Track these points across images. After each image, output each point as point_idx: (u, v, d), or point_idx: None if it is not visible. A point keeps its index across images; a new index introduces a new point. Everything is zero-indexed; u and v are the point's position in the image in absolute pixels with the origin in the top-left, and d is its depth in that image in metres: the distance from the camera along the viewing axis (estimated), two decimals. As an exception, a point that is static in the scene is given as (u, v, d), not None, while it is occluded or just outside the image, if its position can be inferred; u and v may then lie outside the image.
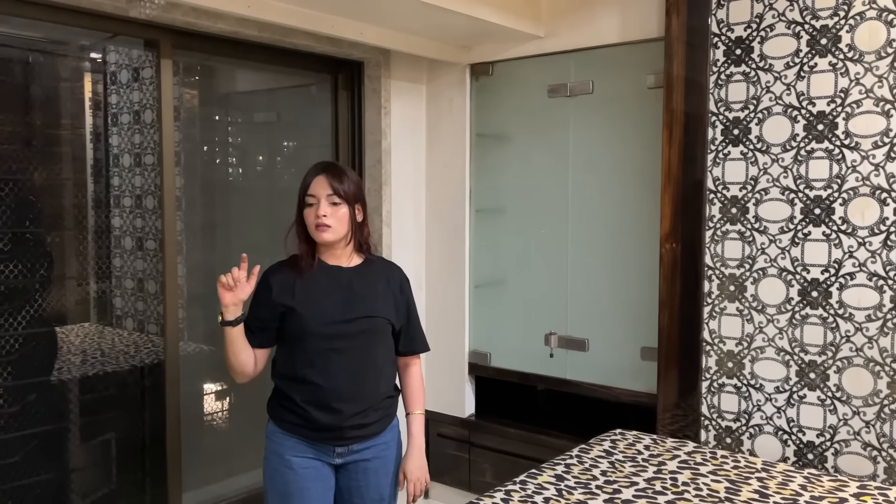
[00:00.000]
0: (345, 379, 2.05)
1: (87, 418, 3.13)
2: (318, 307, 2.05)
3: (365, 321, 2.07)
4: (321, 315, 2.04)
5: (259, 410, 3.65)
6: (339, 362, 2.04)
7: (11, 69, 3.62)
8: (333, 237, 2.04)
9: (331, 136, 3.43)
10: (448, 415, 3.53)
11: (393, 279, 2.18)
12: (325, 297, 2.06)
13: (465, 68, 3.40)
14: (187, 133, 3.50)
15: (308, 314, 2.04)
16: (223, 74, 3.68)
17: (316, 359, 2.04)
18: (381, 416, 2.13)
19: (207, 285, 3.53)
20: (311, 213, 2.04)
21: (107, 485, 3.19)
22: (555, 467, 2.35)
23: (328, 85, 3.41)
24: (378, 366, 2.11)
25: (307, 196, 2.05)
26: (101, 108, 3.74)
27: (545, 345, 3.26)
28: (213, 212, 3.63)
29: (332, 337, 2.04)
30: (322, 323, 2.03)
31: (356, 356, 2.06)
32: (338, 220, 2.03)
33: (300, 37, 2.86)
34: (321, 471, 2.10)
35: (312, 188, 2.05)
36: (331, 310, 2.05)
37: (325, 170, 2.07)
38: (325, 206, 2.02)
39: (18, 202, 3.43)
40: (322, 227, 2.02)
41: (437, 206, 3.55)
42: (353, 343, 2.05)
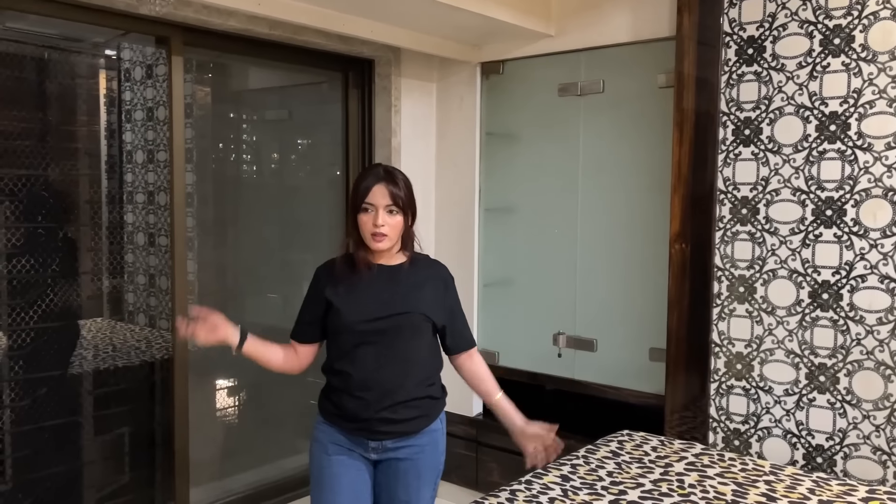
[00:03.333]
0: (371, 368, 2.06)
1: (99, 412, 3.15)
2: (357, 305, 2.08)
3: (399, 318, 2.07)
4: (357, 313, 2.07)
5: (268, 407, 3.68)
6: (368, 353, 2.06)
7: (27, 66, 3.65)
8: (389, 245, 2.06)
9: (341, 134, 3.44)
10: (456, 413, 3.53)
11: (438, 277, 2.21)
12: (367, 296, 2.09)
13: (476, 67, 3.39)
14: (199, 130, 3.52)
15: (345, 311, 2.07)
16: (235, 72, 3.70)
17: (349, 351, 2.08)
18: (415, 415, 2.12)
19: (219, 281, 3.55)
20: (369, 220, 2.03)
21: (118, 478, 3.21)
22: (561, 467, 2.34)
23: (339, 83, 3.41)
24: (410, 360, 2.11)
25: (365, 203, 2.04)
26: (116, 104, 3.77)
27: (553, 345, 3.25)
28: (225, 209, 3.65)
29: (364, 332, 2.06)
30: (357, 321, 2.06)
31: (385, 348, 2.07)
32: (393, 228, 2.04)
33: (311, 34, 2.87)
34: (355, 461, 2.13)
35: (372, 196, 2.03)
36: (368, 307, 2.07)
37: (386, 178, 2.05)
38: (383, 216, 2.02)
39: (32, 197, 3.47)
40: (379, 237, 2.03)
41: (446, 205, 3.55)
42: (384, 337, 2.07)
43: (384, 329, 2.06)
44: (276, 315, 3.77)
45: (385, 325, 2.06)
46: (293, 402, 3.71)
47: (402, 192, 2.06)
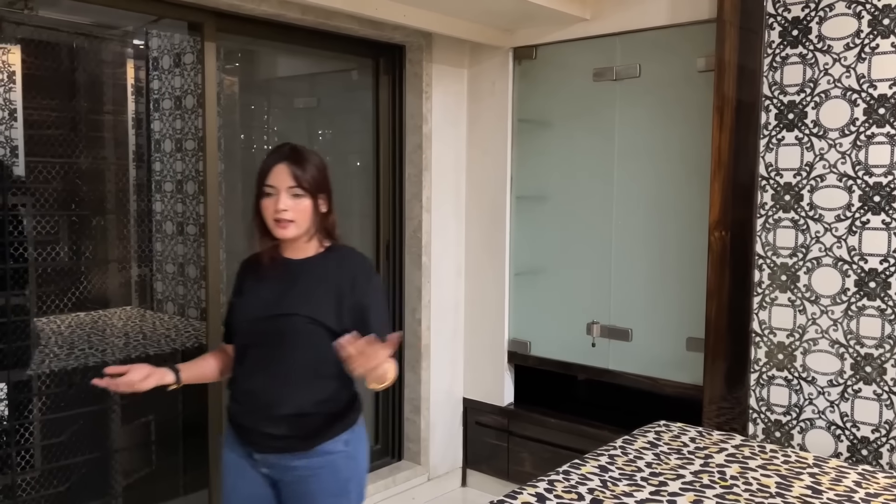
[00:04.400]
0: (252, 375, 1.86)
1: (128, 400, 3.16)
2: (247, 303, 1.89)
3: (279, 320, 1.81)
4: (243, 311, 1.89)
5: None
6: (252, 357, 1.86)
7: (58, 54, 3.66)
8: (295, 232, 1.82)
9: (371, 122, 3.41)
10: (487, 403, 3.51)
11: (345, 272, 1.87)
12: (259, 293, 1.87)
13: (508, 52, 3.34)
14: (227, 119, 3.50)
15: (237, 309, 1.91)
16: (264, 60, 3.68)
17: (238, 352, 1.90)
18: (301, 433, 1.82)
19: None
20: (270, 204, 1.80)
21: (147, 466, 3.23)
22: (598, 458, 2.31)
23: (369, 69, 3.38)
24: (295, 371, 1.82)
25: (266, 186, 1.82)
26: (143, 93, 3.77)
27: (587, 334, 3.21)
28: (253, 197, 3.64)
29: (249, 334, 1.86)
30: (241, 321, 1.88)
31: (267, 355, 1.83)
32: (300, 213, 1.80)
33: (343, 19, 2.83)
34: (248, 472, 1.89)
35: (272, 177, 1.81)
36: (254, 306, 1.86)
37: (288, 157, 1.82)
38: (285, 199, 1.79)
39: (65, 185, 3.48)
40: (283, 223, 1.80)
41: (477, 193, 3.51)
42: (266, 341, 1.83)
43: (265, 332, 1.82)
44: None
45: (265, 327, 1.82)
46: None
47: (309, 174, 1.82)
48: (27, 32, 3.37)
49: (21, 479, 2.94)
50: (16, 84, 3.54)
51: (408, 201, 3.41)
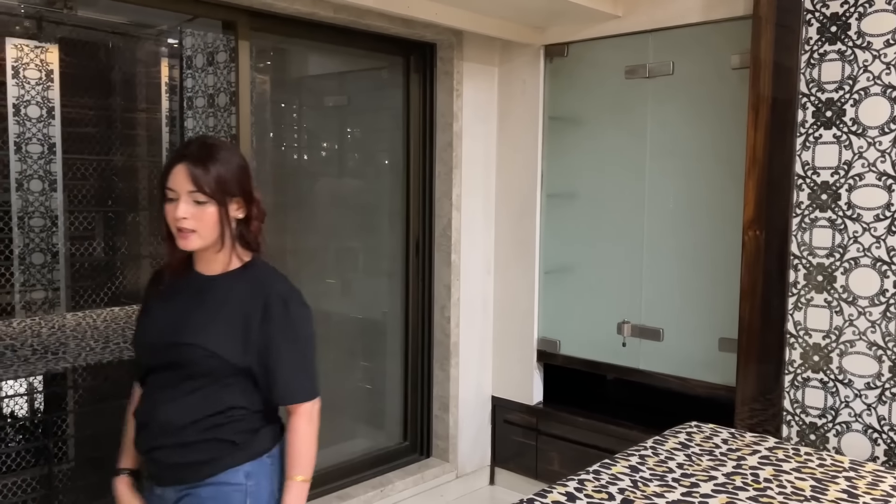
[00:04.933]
0: (146, 401, 1.66)
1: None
2: (147, 326, 1.68)
3: (178, 350, 1.59)
4: (143, 335, 1.69)
5: (325, 392, 3.70)
6: (149, 383, 1.66)
7: (95, 53, 3.72)
8: (200, 244, 1.57)
9: (402, 120, 3.42)
10: (515, 401, 3.50)
11: (256, 299, 1.61)
12: (164, 315, 1.65)
13: (539, 49, 3.33)
14: (258, 117, 3.54)
15: (137, 331, 1.72)
16: (295, 58, 3.70)
17: (143, 376, 1.69)
18: (187, 461, 1.61)
19: (278, 266, 3.57)
20: (171, 210, 1.56)
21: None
22: (629, 458, 2.29)
23: (400, 67, 3.39)
24: (188, 403, 1.60)
25: (167, 189, 1.57)
26: (177, 91, 3.82)
27: (617, 333, 3.18)
28: (284, 194, 3.67)
29: (150, 359, 1.66)
30: (140, 345, 1.69)
31: (162, 384, 1.63)
32: (203, 222, 1.55)
33: (374, 18, 2.84)
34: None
35: (171, 180, 1.56)
36: (155, 332, 1.65)
37: (190, 156, 1.56)
38: (185, 206, 1.54)
39: (101, 182, 3.54)
40: (183, 233, 1.56)
41: (507, 190, 3.50)
42: (163, 370, 1.62)
43: (161, 359, 1.62)
44: (334, 300, 3.78)
45: (162, 355, 1.62)
46: (350, 386, 3.73)
47: (213, 176, 1.54)
48: (65, 32, 3.44)
49: (57, 469, 3.00)
50: (54, 83, 3.61)
51: (437, 199, 3.42)
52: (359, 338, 3.73)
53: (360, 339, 3.73)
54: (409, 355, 3.50)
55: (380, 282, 3.65)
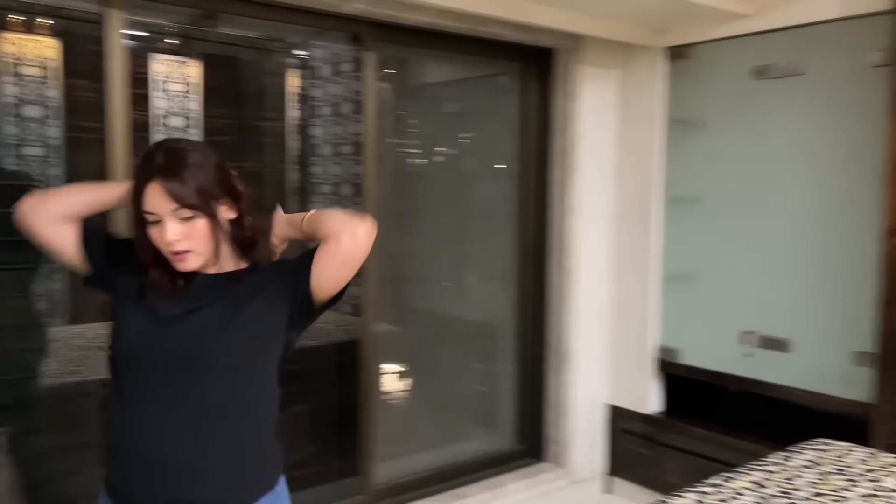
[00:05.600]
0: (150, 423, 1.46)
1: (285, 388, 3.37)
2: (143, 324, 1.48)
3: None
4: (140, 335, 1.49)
5: (441, 393, 3.79)
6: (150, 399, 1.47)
7: (231, 66, 3.99)
8: (199, 261, 1.45)
9: (518, 125, 3.44)
10: (632, 410, 3.44)
11: (269, 284, 1.51)
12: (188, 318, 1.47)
13: (662, 52, 3.26)
14: (380, 123, 3.66)
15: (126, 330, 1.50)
16: (414, 66, 3.81)
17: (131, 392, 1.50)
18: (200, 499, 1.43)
19: (396, 269, 3.69)
20: (158, 235, 1.41)
21: (299, 452, 3.43)
22: (752, 472, 2.21)
23: (518, 73, 3.42)
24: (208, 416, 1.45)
25: (143, 212, 1.41)
26: (303, 101, 4.02)
27: (740, 343, 3.07)
28: (403, 199, 3.78)
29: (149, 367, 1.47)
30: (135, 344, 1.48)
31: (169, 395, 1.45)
32: (198, 239, 1.42)
33: (494, 25, 2.89)
34: None
35: (148, 202, 1.39)
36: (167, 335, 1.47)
37: (157, 170, 1.39)
38: (173, 226, 1.39)
39: (236, 187, 3.77)
40: (181, 255, 1.42)
41: (626, 195, 3.46)
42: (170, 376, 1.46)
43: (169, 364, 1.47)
44: (450, 303, 3.85)
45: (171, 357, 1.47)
46: (465, 388, 3.78)
47: (193, 184, 1.39)
48: (207, 47, 3.70)
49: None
50: (194, 95, 3.89)
51: (553, 204, 3.42)
52: (473, 340, 3.79)
53: (474, 341, 3.78)
54: (524, 359, 3.52)
55: (494, 286, 3.69)
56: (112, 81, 2.23)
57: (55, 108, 3.56)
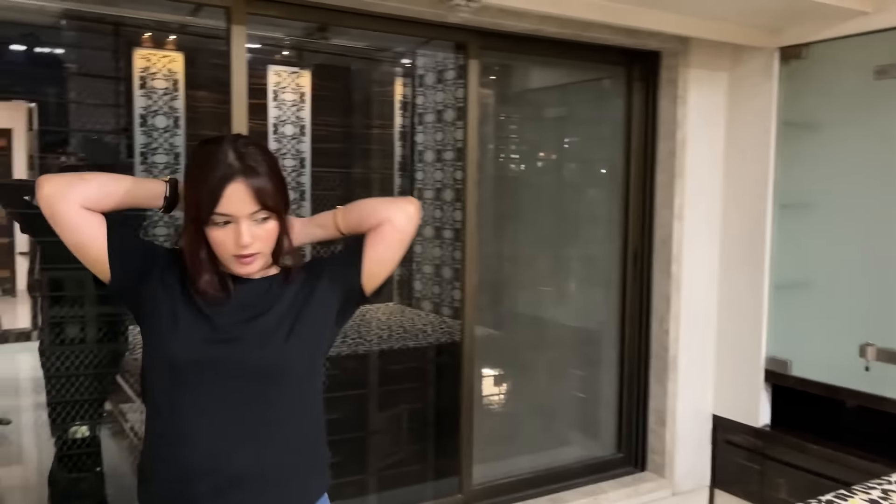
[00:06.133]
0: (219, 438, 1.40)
1: (386, 387, 3.47)
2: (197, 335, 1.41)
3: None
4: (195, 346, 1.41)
5: (540, 397, 3.79)
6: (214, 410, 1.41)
7: (340, 76, 4.15)
8: (262, 264, 1.42)
9: (622, 129, 3.41)
10: (739, 422, 3.33)
11: (319, 285, 1.48)
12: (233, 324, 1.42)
13: (774, 52, 3.15)
14: (481, 129, 3.71)
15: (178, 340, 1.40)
16: (517, 72, 3.84)
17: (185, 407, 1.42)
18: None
19: (496, 274, 3.72)
20: (227, 237, 1.34)
21: (399, 451, 3.51)
22: (869, 491, 2.10)
23: (622, 77, 3.39)
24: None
25: (217, 214, 1.33)
26: (409, 108, 4.13)
27: (860, 356, 2.92)
28: (504, 204, 3.81)
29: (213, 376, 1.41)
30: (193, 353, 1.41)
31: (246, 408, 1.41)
32: (267, 241, 1.39)
33: (598, 30, 2.88)
34: None
35: (226, 203, 1.32)
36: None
37: (244, 170, 1.33)
38: (249, 228, 1.34)
39: (344, 192, 3.93)
40: (247, 259, 1.37)
41: (734, 200, 3.36)
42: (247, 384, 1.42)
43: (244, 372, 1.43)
44: (550, 308, 3.85)
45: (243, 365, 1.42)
46: (565, 394, 3.77)
47: (273, 183, 1.36)
48: (319, 59, 3.87)
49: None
50: (305, 104, 4.07)
51: (658, 209, 3.36)
52: (574, 346, 3.77)
53: (575, 347, 3.77)
54: (625, 366, 3.48)
55: (596, 291, 3.67)
56: (235, 92, 2.38)
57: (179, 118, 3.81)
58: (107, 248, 1.38)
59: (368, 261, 1.48)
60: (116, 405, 3.62)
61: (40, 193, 1.34)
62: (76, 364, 2.99)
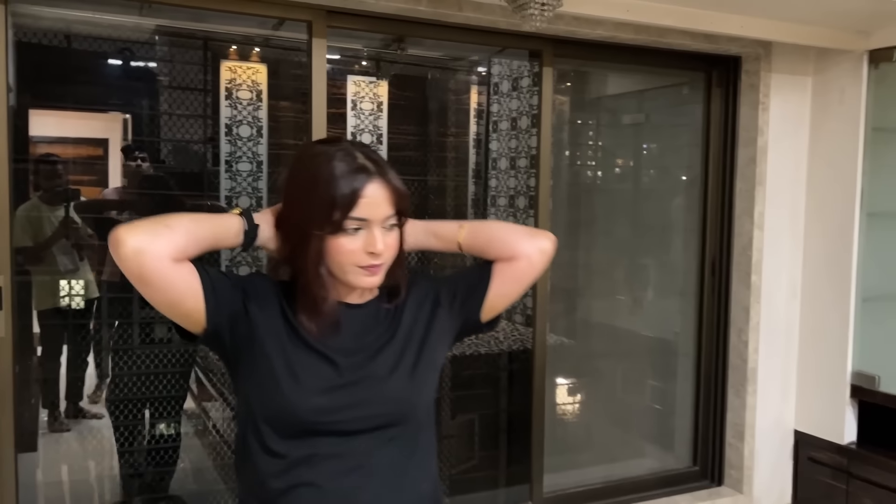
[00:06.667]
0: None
1: (458, 393, 3.50)
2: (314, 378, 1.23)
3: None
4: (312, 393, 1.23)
5: (613, 407, 3.74)
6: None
7: (416, 85, 4.22)
8: (381, 278, 1.26)
9: (701, 136, 3.35)
10: (822, 439, 3.21)
11: (438, 311, 1.36)
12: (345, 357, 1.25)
13: (862, 55, 3.04)
14: (556, 137, 3.71)
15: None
16: (593, 79, 3.82)
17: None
18: None
19: (570, 282, 3.71)
20: (357, 245, 1.19)
21: (471, 458, 3.53)
22: (965, 516, 2.00)
23: (701, 83, 3.32)
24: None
25: (353, 218, 1.18)
26: (483, 116, 4.17)
27: (955, 373, 2.77)
28: (579, 211, 3.79)
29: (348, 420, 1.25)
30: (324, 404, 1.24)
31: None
32: (392, 251, 1.25)
33: (675, 36, 2.84)
34: None
35: (364, 207, 1.18)
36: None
37: (379, 171, 1.20)
38: (382, 236, 1.20)
39: (419, 200, 4.00)
40: (375, 269, 1.22)
41: (819, 209, 3.24)
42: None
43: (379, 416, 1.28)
44: (625, 317, 3.81)
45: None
46: (640, 404, 3.72)
47: (404, 188, 1.23)
48: (395, 68, 3.95)
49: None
50: (382, 113, 4.16)
51: (737, 217, 3.28)
52: (649, 356, 3.72)
53: (649, 357, 3.71)
54: (702, 378, 3.40)
55: (672, 300, 3.61)
56: (315, 102, 2.47)
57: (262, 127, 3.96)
58: (203, 300, 1.18)
59: (494, 294, 1.35)
60: (200, 403, 3.79)
61: (123, 251, 1.11)
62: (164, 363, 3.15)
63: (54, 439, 3.70)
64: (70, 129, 4.46)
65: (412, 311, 1.32)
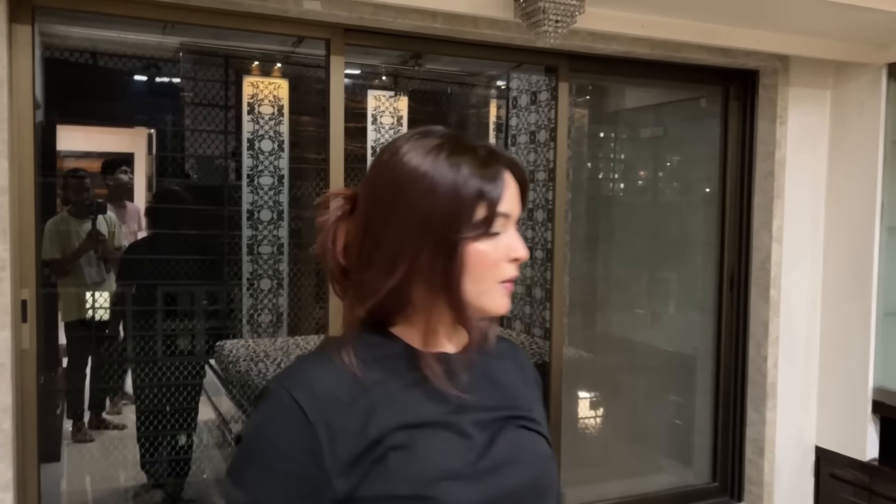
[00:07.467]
0: None
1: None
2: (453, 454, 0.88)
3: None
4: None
5: (632, 422, 3.73)
6: None
7: (435, 100, 4.27)
8: None
9: (719, 149, 3.35)
10: (843, 455, 3.17)
11: (528, 374, 1.07)
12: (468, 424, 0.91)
13: (881, 69, 3.02)
14: (575, 150, 3.73)
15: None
16: (610, 93, 3.84)
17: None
18: None
19: (588, 294, 3.71)
20: (498, 249, 0.90)
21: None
22: None
23: (718, 97, 3.32)
24: None
25: (500, 213, 0.89)
26: (503, 129, 4.20)
27: (978, 390, 2.73)
28: (597, 225, 3.80)
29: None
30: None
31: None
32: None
33: (691, 50, 2.85)
34: None
35: (509, 199, 0.90)
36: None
37: (511, 161, 0.93)
38: (519, 235, 0.93)
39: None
40: (511, 286, 0.93)
41: (838, 222, 3.22)
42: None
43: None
44: (643, 331, 3.80)
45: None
46: (658, 419, 3.70)
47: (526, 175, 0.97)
48: (415, 83, 4.01)
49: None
50: (402, 127, 4.21)
51: (756, 231, 3.27)
52: (667, 371, 3.70)
53: (668, 371, 3.70)
54: (721, 392, 3.38)
55: (691, 315, 3.59)
56: (333, 118, 2.51)
57: (283, 141, 4.02)
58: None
59: None
60: (219, 415, 3.83)
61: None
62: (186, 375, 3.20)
63: (77, 449, 3.77)
64: (96, 143, 4.57)
65: (508, 364, 1.04)
